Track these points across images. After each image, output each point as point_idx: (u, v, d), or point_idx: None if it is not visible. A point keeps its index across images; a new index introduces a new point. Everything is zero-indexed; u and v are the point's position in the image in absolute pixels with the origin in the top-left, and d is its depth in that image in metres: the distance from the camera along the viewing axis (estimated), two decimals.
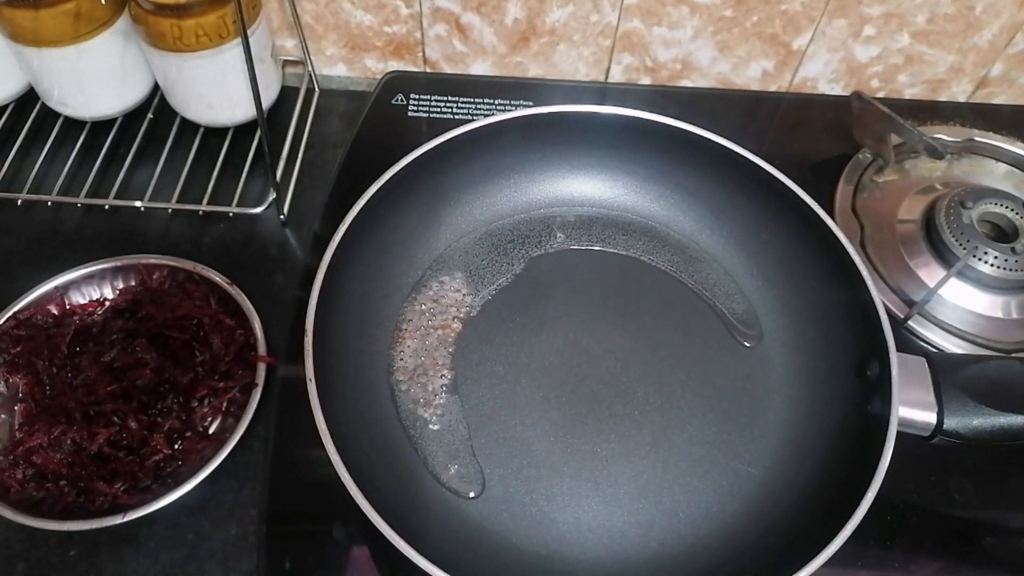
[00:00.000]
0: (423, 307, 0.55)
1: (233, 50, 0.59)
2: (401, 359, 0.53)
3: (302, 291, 0.48)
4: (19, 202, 0.62)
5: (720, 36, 0.68)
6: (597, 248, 0.59)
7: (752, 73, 0.71)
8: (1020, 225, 0.58)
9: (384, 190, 0.51)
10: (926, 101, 0.72)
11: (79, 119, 0.67)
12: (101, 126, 0.67)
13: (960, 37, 0.67)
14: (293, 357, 0.50)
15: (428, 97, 0.70)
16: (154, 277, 0.56)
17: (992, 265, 0.56)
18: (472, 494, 0.48)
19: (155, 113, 0.68)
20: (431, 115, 0.69)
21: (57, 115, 0.67)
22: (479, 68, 0.73)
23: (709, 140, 0.54)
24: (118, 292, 0.55)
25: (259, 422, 0.49)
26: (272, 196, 0.62)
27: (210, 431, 0.50)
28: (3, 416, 0.50)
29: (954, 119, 0.69)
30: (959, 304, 0.57)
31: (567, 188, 0.60)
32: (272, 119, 0.69)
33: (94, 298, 0.55)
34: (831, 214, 0.53)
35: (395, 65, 0.73)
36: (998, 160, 0.68)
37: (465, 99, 0.70)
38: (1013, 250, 0.56)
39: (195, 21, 0.57)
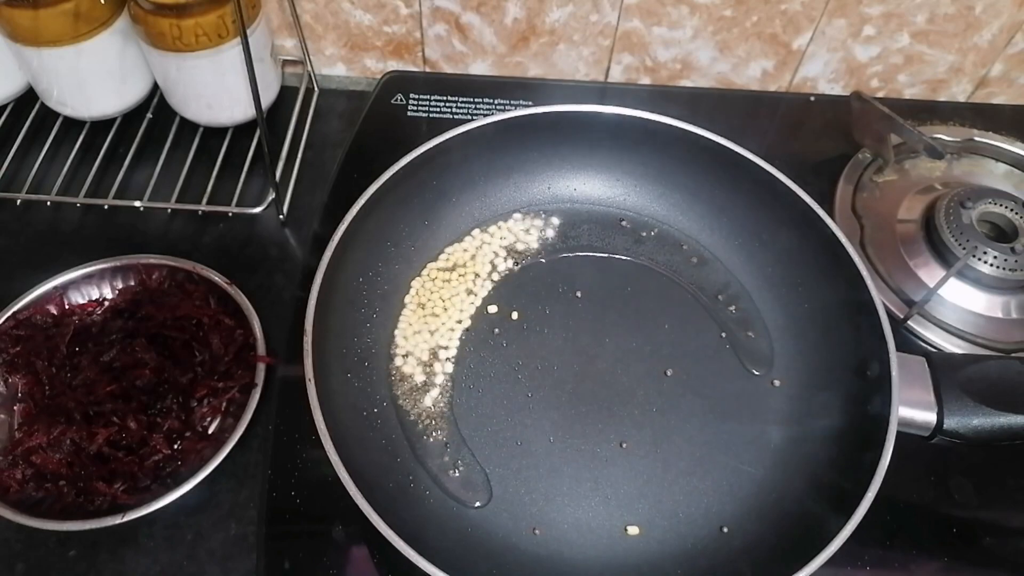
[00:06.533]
0: (423, 307, 0.55)
1: (232, 50, 0.59)
2: (401, 358, 0.53)
3: (301, 291, 0.48)
4: (18, 202, 0.62)
5: (720, 36, 0.68)
6: (596, 248, 0.59)
7: (752, 73, 0.71)
8: (1020, 225, 0.58)
9: (383, 190, 0.51)
10: (926, 101, 0.72)
11: (78, 119, 0.67)
12: (100, 126, 0.67)
13: (960, 37, 0.67)
14: (292, 357, 0.50)
15: (428, 97, 0.70)
16: (153, 277, 0.56)
17: (992, 265, 0.56)
18: (472, 495, 0.47)
19: (154, 113, 0.68)
20: (431, 115, 0.69)
21: (56, 115, 0.67)
22: (479, 68, 0.73)
23: (709, 140, 0.54)
24: (117, 292, 0.55)
25: (258, 422, 0.49)
26: (271, 196, 0.62)
27: (209, 431, 0.50)
28: (2, 416, 0.50)
29: (954, 119, 0.69)
30: (959, 304, 0.57)
31: (567, 188, 0.60)
32: (271, 119, 0.68)
33: (93, 298, 0.55)
34: (831, 214, 0.53)
35: (395, 65, 0.73)
36: (998, 160, 0.68)
37: (465, 99, 0.70)
38: (1013, 250, 0.56)
39: (194, 21, 0.57)
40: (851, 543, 0.39)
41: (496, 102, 0.70)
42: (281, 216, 0.62)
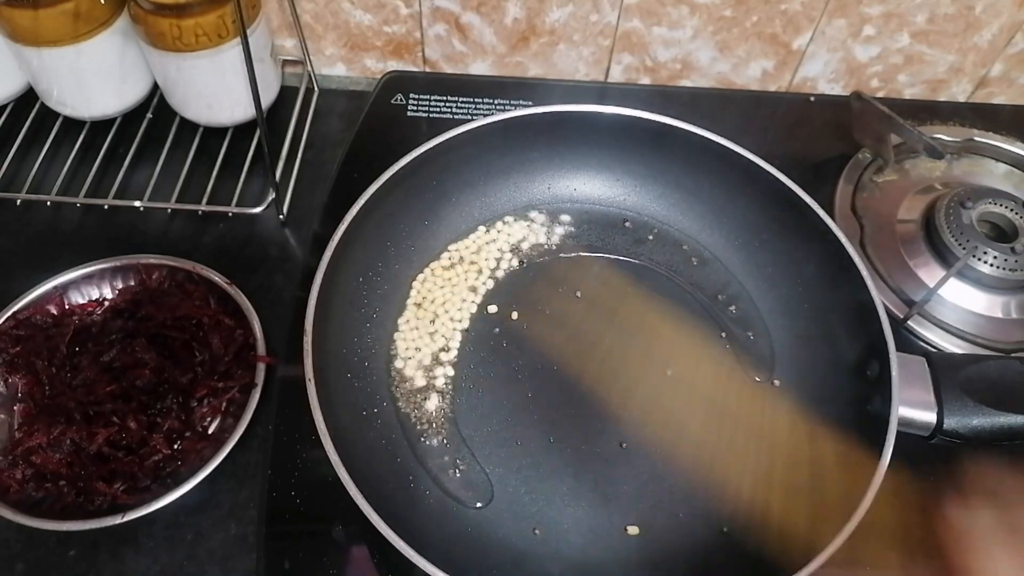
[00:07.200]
0: (422, 307, 0.55)
1: (232, 50, 0.59)
2: (401, 359, 0.53)
3: (301, 291, 0.48)
4: (18, 202, 0.62)
5: (720, 36, 0.68)
6: (597, 248, 0.59)
7: (752, 73, 0.71)
8: (1020, 225, 0.58)
9: (383, 190, 0.51)
10: (926, 101, 0.72)
11: (78, 119, 0.67)
12: (100, 126, 0.67)
13: (960, 37, 0.67)
14: (292, 357, 0.50)
15: (428, 97, 0.70)
16: (153, 277, 0.56)
17: (992, 265, 0.56)
18: (472, 495, 0.47)
19: (154, 113, 0.68)
20: (431, 115, 0.69)
21: (56, 115, 0.67)
22: (479, 68, 0.73)
23: (709, 140, 0.54)
24: (117, 292, 0.55)
25: (258, 422, 0.49)
26: (271, 196, 0.62)
27: (209, 431, 0.50)
28: (2, 416, 0.50)
29: (954, 119, 0.69)
30: (959, 304, 0.57)
31: (567, 188, 0.60)
32: (271, 119, 0.68)
33: (93, 298, 0.55)
34: (831, 214, 0.53)
35: (395, 65, 0.73)
36: (998, 160, 0.68)
37: (465, 99, 0.70)
38: (1013, 250, 0.56)
39: (194, 21, 0.57)
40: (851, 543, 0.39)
41: (496, 102, 0.70)
42: (281, 216, 0.62)
